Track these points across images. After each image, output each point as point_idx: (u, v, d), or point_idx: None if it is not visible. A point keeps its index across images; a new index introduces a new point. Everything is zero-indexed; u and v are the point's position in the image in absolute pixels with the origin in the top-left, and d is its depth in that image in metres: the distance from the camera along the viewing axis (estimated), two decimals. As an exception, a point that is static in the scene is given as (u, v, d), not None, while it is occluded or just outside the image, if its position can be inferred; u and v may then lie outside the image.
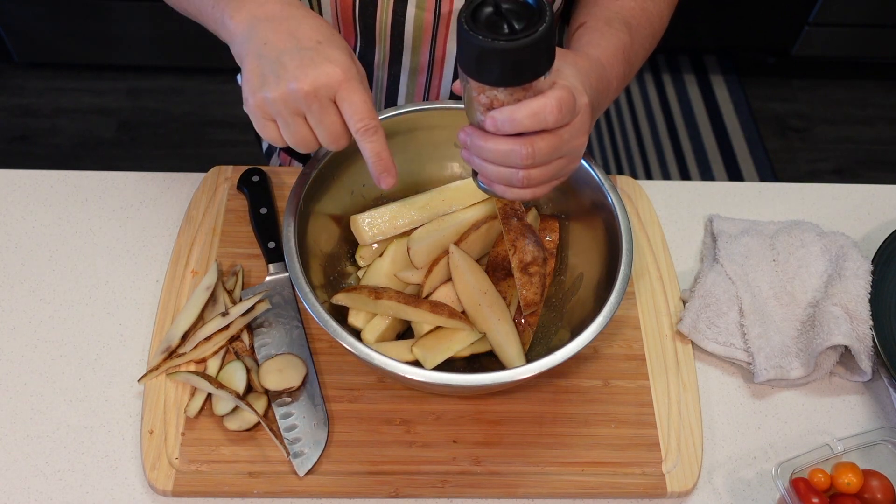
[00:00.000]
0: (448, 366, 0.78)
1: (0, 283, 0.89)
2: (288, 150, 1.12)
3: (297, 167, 1.08)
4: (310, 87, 0.65)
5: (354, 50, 0.91)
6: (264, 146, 1.20)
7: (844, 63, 2.53)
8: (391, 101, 0.98)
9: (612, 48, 0.77)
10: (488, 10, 0.59)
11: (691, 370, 0.85)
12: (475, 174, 0.70)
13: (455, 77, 0.94)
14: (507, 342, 0.79)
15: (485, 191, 0.70)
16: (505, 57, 0.58)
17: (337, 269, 0.85)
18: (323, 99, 0.66)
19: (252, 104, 0.68)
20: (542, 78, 0.61)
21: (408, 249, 0.83)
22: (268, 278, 0.88)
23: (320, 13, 0.87)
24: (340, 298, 0.79)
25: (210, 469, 0.76)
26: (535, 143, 0.63)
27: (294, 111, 0.67)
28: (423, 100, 0.97)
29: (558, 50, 0.66)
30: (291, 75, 0.65)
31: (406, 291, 0.83)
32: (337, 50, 0.66)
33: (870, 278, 0.87)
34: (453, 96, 0.97)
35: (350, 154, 0.84)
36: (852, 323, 0.84)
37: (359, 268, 0.86)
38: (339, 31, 0.90)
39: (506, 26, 0.58)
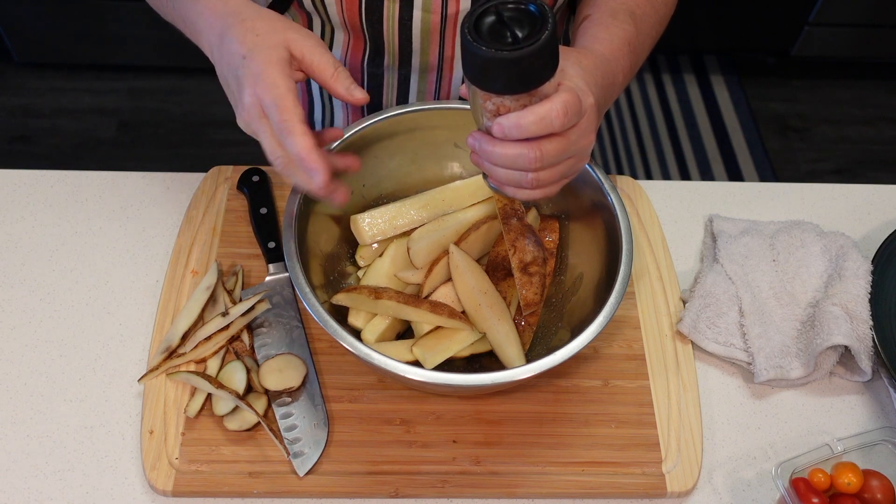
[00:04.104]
0: (448, 366, 0.78)
1: (0, 283, 0.89)
2: None
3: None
4: (243, 114, 0.67)
5: (363, 55, 0.91)
6: None
7: (844, 63, 2.53)
8: (402, 99, 0.98)
9: (617, 41, 0.77)
10: (490, 19, 0.59)
11: (691, 370, 0.85)
12: (485, 175, 0.70)
13: None
14: (507, 342, 0.79)
15: (495, 191, 0.71)
16: (509, 66, 0.58)
17: (337, 269, 0.85)
18: (255, 121, 0.66)
19: None
20: (547, 82, 0.61)
21: (408, 249, 0.83)
22: (268, 278, 0.88)
23: (327, 18, 0.87)
24: (340, 298, 0.79)
25: (210, 469, 0.76)
26: (543, 147, 0.63)
27: (253, 133, 0.68)
28: (435, 96, 0.97)
29: (562, 49, 0.66)
30: (235, 104, 0.68)
31: (406, 291, 0.83)
32: (256, 60, 0.66)
33: (870, 278, 0.87)
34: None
35: (351, 153, 0.84)
36: (852, 323, 0.84)
37: (359, 268, 0.86)
38: (349, 39, 0.90)
39: (509, 35, 0.58)
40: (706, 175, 2.27)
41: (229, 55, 0.68)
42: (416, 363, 0.75)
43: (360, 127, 0.83)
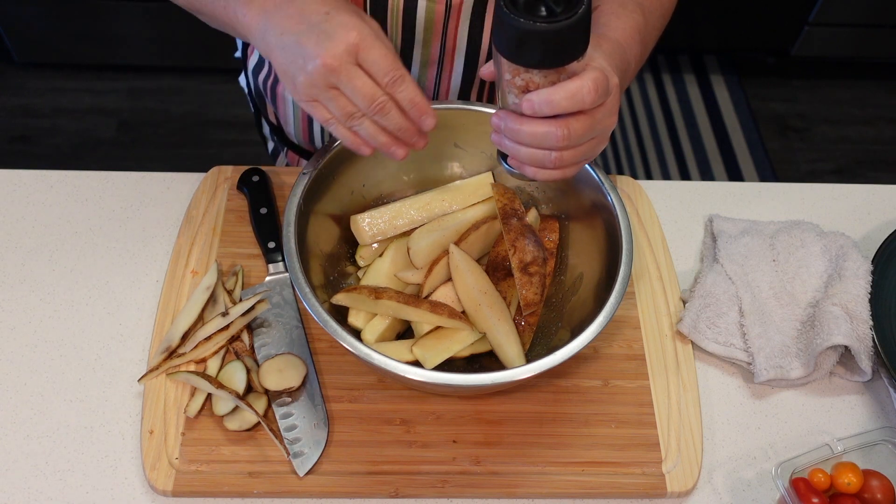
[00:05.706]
0: (448, 366, 0.78)
1: (0, 283, 0.89)
2: (297, 150, 1.12)
3: (298, 167, 1.07)
4: (329, 58, 0.66)
5: None
6: (269, 147, 1.20)
7: (844, 63, 2.53)
8: None
9: (629, 30, 0.78)
10: None
11: (691, 370, 0.85)
12: (502, 157, 0.71)
13: (465, 69, 0.94)
14: (507, 342, 0.79)
15: (511, 173, 0.71)
16: (546, 39, 0.58)
17: (337, 269, 0.85)
18: (345, 66, 0.67)
19: (295, 95, 0.70)
20: (577, 60, 0.62)
21: (408, 249, 0.83)
22: (268, 278, 0.88)
23: None
24: (340, 298, 0.79)
25: (210, 469, 0.76)
26: (571, 125, 0.64)
27: (327, 86, 0.68)
28: (434, 91, 0.97)
29: None
30: (313, 54, 0.66)
31: (406, 291, 0.83)
32: (346, 14, 0.67)
33: (870, 278, 0.87)
34: (463, 88, 0.97)
35: (350, 153, 0.84)
36: (852, 323, 0.84)
37: (359, 268, 0.86)
38: None
39: (543, 8, 0.58)
40: (706, 175, 2.27)
41: (303, 13, 0.68)
42: (416, 363, 0.75)
43: (360, 127, 0.83)
